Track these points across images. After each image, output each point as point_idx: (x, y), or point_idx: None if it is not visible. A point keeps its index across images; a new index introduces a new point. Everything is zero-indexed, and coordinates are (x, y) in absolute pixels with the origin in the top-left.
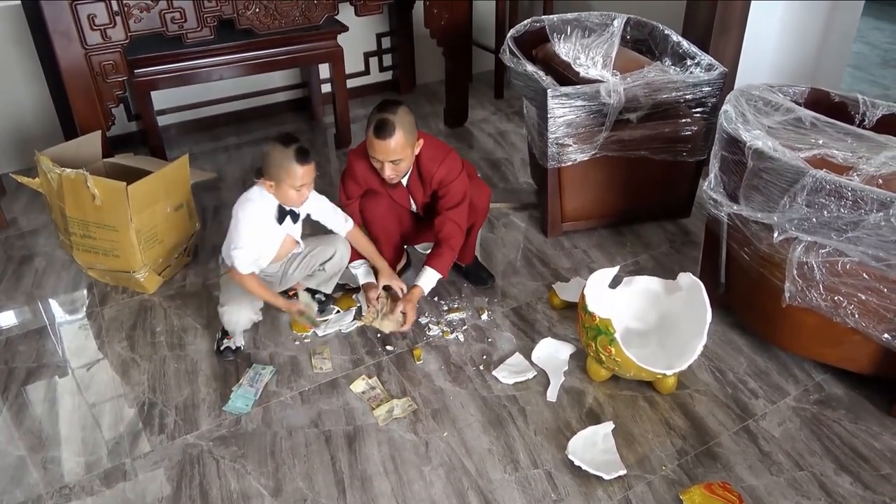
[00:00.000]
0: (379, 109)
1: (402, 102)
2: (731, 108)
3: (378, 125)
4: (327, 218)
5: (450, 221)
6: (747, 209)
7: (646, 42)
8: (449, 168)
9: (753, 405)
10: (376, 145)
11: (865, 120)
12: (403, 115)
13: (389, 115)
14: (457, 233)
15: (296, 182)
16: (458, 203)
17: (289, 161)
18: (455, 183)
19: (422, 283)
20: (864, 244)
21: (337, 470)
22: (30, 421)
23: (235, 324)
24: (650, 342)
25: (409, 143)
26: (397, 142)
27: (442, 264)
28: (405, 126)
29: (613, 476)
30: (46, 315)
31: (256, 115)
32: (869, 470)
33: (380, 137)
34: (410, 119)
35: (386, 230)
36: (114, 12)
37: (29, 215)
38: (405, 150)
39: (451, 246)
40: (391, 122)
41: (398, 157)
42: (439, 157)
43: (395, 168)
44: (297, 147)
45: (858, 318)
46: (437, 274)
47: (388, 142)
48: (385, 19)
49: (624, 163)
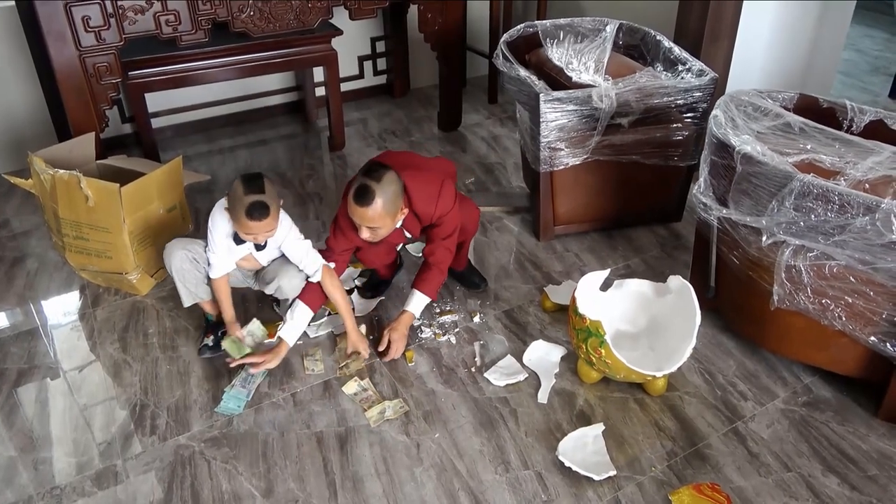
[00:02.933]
0: (364, 173)
1: (390, 169)
2: (720, 113)
3: (358, 191)
4: (298, 262)
5: (442, 248)
6: (736, 213)
7: (638, 48)
8: (445, 203)
9: (742, 407)
10: (354, 210)
11: (853, 125)
12: (387, 185)
13: (372, 182)
14: (447, 257)
15: (245, 231)
16: (450, 234)
17: (241, 209)
18: (450, 215)
19: (411, 307)
20: (851, 248)
21: (329, 471)
22: (21, 422)
23: (170, 259)
24: (640, 345)
25: (388, 213)
26: (375, 211)
27: (431, 288)
28: (387, 196)
29: (603, 477)
30: (38, 316)
31: (251, 118)
32: (856, 471)
33: (358, 204)
34: (395, 188)
35: (382, 262)
36: (108, 14)
37: (21, 216)
38: (384, 219)
39: (441, 269)
40: (371, 191)
41: (375, 224)
42: (432, 197)
43: (372, 232)
44: (252, 201)
45: (846, 320)
46: (427, 298)
47: (364, 209)
48: (379, 23)
49: (615, 167)
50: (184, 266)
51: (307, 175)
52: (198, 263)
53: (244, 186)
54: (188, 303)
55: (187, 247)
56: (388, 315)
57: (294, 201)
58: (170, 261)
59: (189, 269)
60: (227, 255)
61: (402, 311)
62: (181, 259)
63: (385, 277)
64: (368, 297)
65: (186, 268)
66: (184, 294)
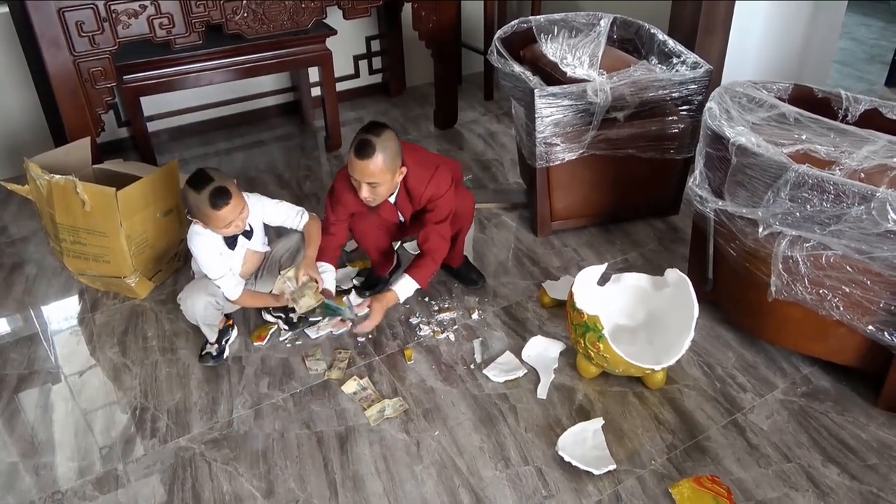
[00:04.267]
0: (364, 129)
1: (389, 127)
2: (715, 105)
3: (359, 145)
4: (284, 220)
5: (435, 234)
6: (732, 205)
7: (632, 41)
8: (437, 186)
9: (741, 399)
10: (354, 164)
11: (848, 115)
12: (387, 140)
13: (372, 136)
14: (441, 246)
15: (219, 224)
16: (444, 218)
17: (205, 207)
18: (443, 199)
19: (396, 287)
20: (847, 237)
21: (329, 470)
22: (22, 427)
23: (193, 310)
24: (639, 338)
25: (388, 169)
26: (376, 164)
27: (422, 275)
28: (387, 151)
29: (603, 471)
30: (38, 322)
31: (246, 120)
32: (856, 461)
33: (359, 157)
34: (394, 145)
35: (375, 242)
36: (102, 19)
37: (19, 222)
38: (384, 174)
39: (434, 259)
40: (372, 144)
41: (375, 180)
42: (426, 176)
43: (372, 190)
44: (210, 191)
45: (843, 310)
46: (415, 283)
47: (365, 163)
48: (374, 22)
49: (612, 161)
50: (207, 312)
51: (304, 176)
52: (219, 304)
53: (194, 188)
54: (214, 337)
55: (209, 290)
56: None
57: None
58: (193, 310)
59: (212, 313)
60: (229, 272)
61: (388, 290)
62: (205, 307)
63: (381, 275)
64: (366, 297)
65: (210, 313)
66: (208, 333)
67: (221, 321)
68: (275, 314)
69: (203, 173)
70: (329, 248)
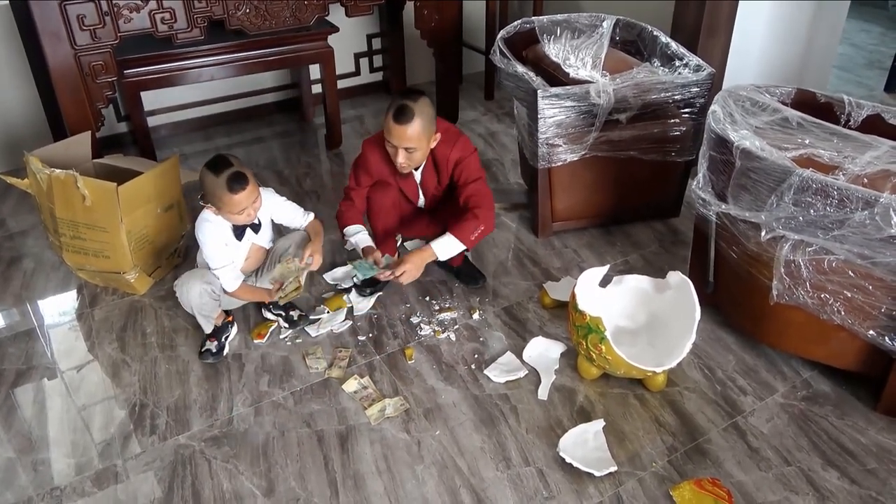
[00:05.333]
0: (401, 95)
1: (424, 93)
2: (718, 108)
3: (398, 110)
4: (290, 219)
5: (473, 190)
6: (735, 208)
7: (635, 43)
8: (463, 147)
9: (742, 402)
10: (393, 129)
11: (851, 120)
12: (424, 106)
13: (410, 101)
14: (484, 201)
15: (234, 209)
16: (477, 177)
17: (221, 190)
18: (471, 158)
19: (435, 245)
20: (850, 242)
21: (329, 469)
22: (19, 423)
23: (188, 296)
24: (640, 340)
25: (425, 134)
26: (414, 129)
27: (464, 233)
28: (424, 116)
29: (604, 473)
30: (35, 317)
31: (247, 116)
32: (855, 465)
33: (398, 122)
34: (430, 111)
35: (386, 225)
36: (103, 13)
37: (18, 216)
38: (420, 139)
39: (476, 215)
40: (411, 109)
41: (413, 144)
42: (452, 139)
43: (408, 156)
44: (228, 175)
45: (844, 315)
46: (457, 242)
47: (404, 127)
48: (376, 20)
49: (614, 163)
50: (203, 300)
51: (304, 173)
52: (215, 293)
53: (213, 170)
54: (210, 329)
55: (206, 279)
56: (386, 313)
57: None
58: (187, 297)
59: (208, 301)
60: (231, 264)
61: (426, 246)
62: (200, 294)
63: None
64: (367, 295)
65: (205, 301)
66: (204, 323)
67: (221, 317)
68: (275, 312)
69: (223, 158)
70: (352, 213)
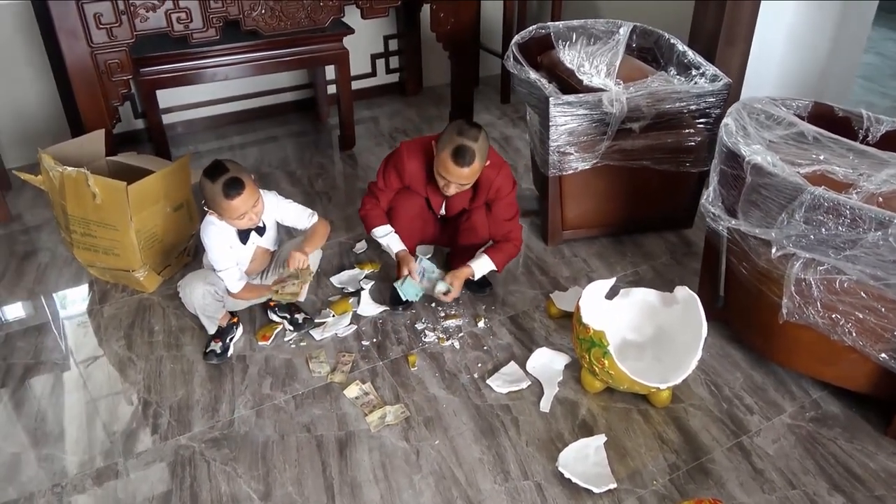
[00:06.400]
0: (459, 133)
1: (482, 127)
2: (731, 121)
3: (458, 151)
4: (295, 220)
5: (513, 229)
6: (746, 224)
7: (651, 51)
8: (506, 177)
9: (748, 421)
10: (452, 170)
11: (869, 135)
12: (483, 143)
13: (470, 142)
14: (518, 236)
15: (232, 214)
16: (515, 213)
17: (219, 196)
18: (511, 194)
19: (474, 264)
20: (863, 263)
21: (327, 476)
22: (25, 418)
23: (191, 297)
24: (646, 355)
25: (480, 171)
26: (473, 170)
27: (499, 258)
28: (482, 155)
29: (603, 490)
30: (47, 311)
31: (262, 115)
32: (863, 490)
33: (458, 164)
34: (486, 146)
35: (409, 233)
36: (120, 11)
37: (33, 210)
38: (475, 177)
39: (514, 245)
40: (472, 152)
41: (467, 182)
42: (497, 164)
43: (459, 189)
44: (224, 181)
45: (856, 336)
46: (491, 264)
47: (464, 169)
48: (392, 22)
49: (626, 172)
50: (206, 301)
51: (316, 174)
52: (218, 294)
53: (209, 177)
54: (213, 330)
55: (209, 280)
56: (392, 320)
57: (302, 200)
58: (190, 298)
59: (211, 303)
60: (235, 266)
61: (465, 266)
62: (203, 295)
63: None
64: (400, 312)
65: (209, 302)
66: (208, 324)
67: (225, 318)
68: (280, 314)
69: (219, 164)
70: (378, 212)
